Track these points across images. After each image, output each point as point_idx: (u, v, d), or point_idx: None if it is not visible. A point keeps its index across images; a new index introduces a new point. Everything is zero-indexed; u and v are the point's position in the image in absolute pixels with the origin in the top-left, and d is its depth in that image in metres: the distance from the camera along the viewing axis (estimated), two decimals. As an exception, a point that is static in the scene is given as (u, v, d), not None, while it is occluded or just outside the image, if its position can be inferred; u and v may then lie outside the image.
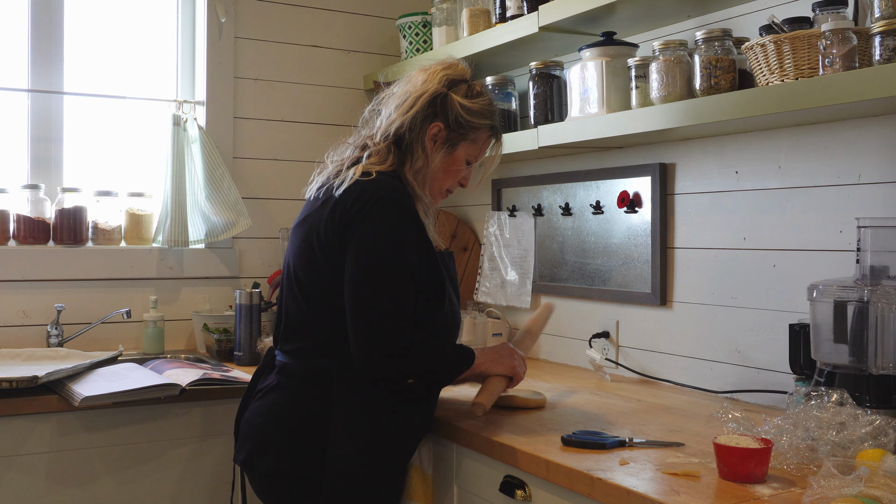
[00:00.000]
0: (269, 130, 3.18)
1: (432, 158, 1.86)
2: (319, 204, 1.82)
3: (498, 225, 3.01)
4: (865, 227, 1.71)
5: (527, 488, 1.67)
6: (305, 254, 1.80)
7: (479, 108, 1.88)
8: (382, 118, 1.89)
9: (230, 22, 3.09)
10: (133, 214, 2.95)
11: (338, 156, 1.93)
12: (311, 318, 1.80)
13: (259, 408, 1.84)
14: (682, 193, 2.35)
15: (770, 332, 2.09)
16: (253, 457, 1.81)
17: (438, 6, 2.93)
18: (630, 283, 2.50)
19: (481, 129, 1.91)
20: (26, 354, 2.50)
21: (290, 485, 1.78)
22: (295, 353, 1.82)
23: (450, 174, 1.91)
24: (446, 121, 1.85)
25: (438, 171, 1.88)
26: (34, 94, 2.89)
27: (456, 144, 1.88)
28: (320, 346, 1.79)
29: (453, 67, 1.91)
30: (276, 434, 1.78)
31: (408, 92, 1.87)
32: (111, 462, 2.25)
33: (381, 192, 1.75)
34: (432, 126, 1.85)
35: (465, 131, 1.88)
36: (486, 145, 1.96)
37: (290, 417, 1.78)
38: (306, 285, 1.80)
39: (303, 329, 1.81)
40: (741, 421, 1.56)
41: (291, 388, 1.80)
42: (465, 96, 1.87)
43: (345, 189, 1.76)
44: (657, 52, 2.08)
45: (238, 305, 2.72)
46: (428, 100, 1.85)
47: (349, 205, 1.74)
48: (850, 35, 1.65)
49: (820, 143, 1.99)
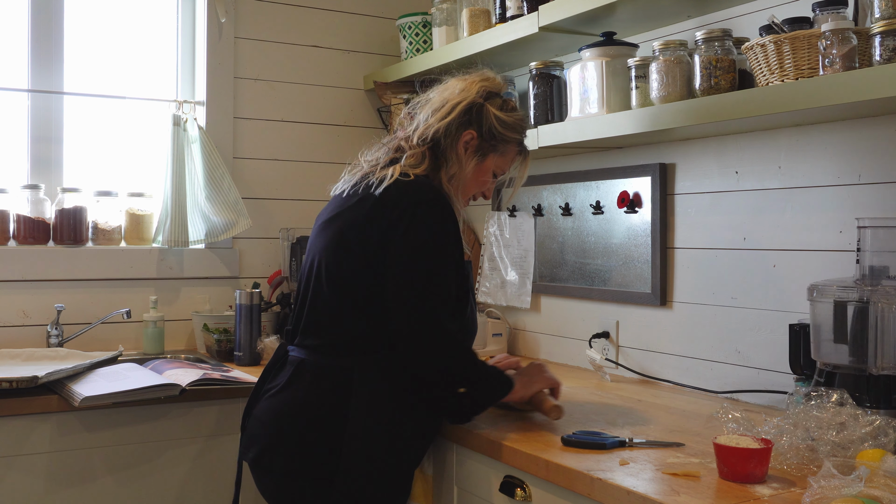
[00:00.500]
0: (269, 130, 3.18)
1: (465, 165, 1.89)
2: (356, 201, 1.83)
3: (498, 225, 3.01)
4: (865, 227, 1.71)
5: (527, 488, 1.67)
6: (339, 250, 1.81)
7: (513, 121, 1.93)
8: (419, 122, 1.92)
9: (230, 22, 3.09)
10: (133, 214, 2.95)
11: (371, 155, 1.95)
12: (338, 313, 1.80)
13: (271, 405, 1.82)
14: (682, 193, 2.35)
15: (770, 332, 2.09)
16: (264, 455, 1.80)
17: (438, 6, 2.93)
18: (630, 283, 2.50)
19: (511, 143, 1.95)
20: (26, 354, 2.50)
21: (303, 484, 1.77)
22: (316, 348, 1.82)
23: (478, 184, 1.95)
24: (480, 130, 1.89)
25: (469, 180, 1.92)
26: (34, 94, 2.89)
27: (486, 154, 1.92)
28: (344, 343, 1.79)
29: (491, 80, 1.96)
30: (289, 433, 1.77)
31: (445, 99, 1.91)
32: (111, 462, 2.25)
33: (428, 194, 1.78)
34: (466, 133, 1.88)
35: (497, 143, 1.92)
36: (513, 160, 2.00)
37: (305, 416, 1.77)
38: (339, 281, 1.80)
39: (329, 325, 1.81)
40: (741, 421, 1.56)
41: (308, 386, 1.79)
42: (501, 109, 1.92)
43: (385, 188, 1.78)
44: (657, 52, 2.08)
45: (238, 305, 2.72)
46: (465, 108, 1.89)
47: (393, 204, 1.76)
48: (850, 35, 1.65)
49: (820, 143, 1.99)
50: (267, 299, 3.03)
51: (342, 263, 1.80)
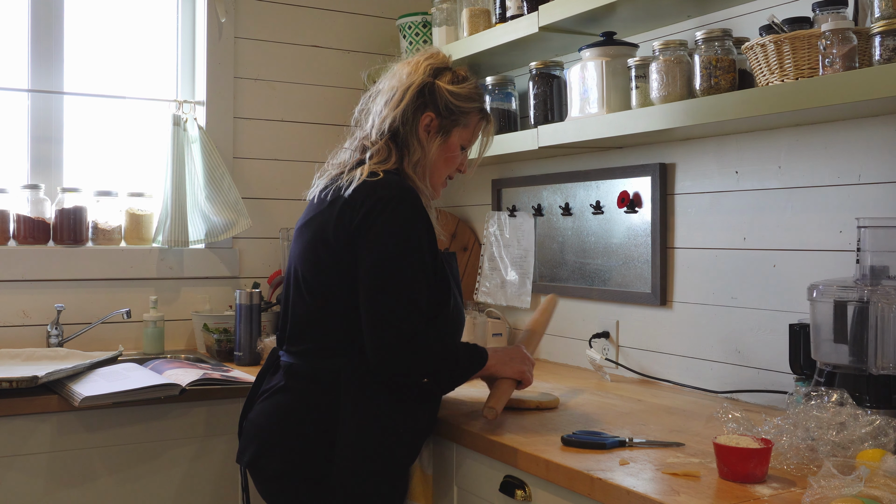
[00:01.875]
0: (269, 130, 3.18)
1: (428, 149, 1.87)
2: (326, 205, 1.82)
3: (498, 225, 3.01)
4: (865, 227, 1.70)
5: (527, 488, 1.67)
6: (313, 255, 1.81)
7: (467, 92, 1.91)
8: (374, 116, 1.90)
9: (230, 22, 3.09)
10: (133, 214, 2.95)
11: (338, 158, 1.94)
12: (319, 318, 1.80)
13: (265, 408, 1.83)
14: (682, 193, 2.35)
15: (770, 332, 2.09)
16: (258, 458, 1.81)
17: (438, 6, 2.93)
18: (630, 283, 2.50)
19: (472, 113, 1.93)
20: (26, 354, 2.50)
21: (297, 486, 1.77)
22: (302, 353, 1.82)
23: (448, 162, 1.93)
24: (437, 109, 1.87)
25: (437, 161, 1.90)
26: (34, 94, 2.89)
27: (449, 131, 1.90)
28: (329, 347, 1.79)
29: (435, 56, 1.94)
30: (283, 435, 1.78)
31: (394, 87, 1.89)
32: (111, 462, 2.25)
33: (392, 192, 1.76)
34: (424, 117, 1.87)
35: (457, 117, 1.90)
36: (478, 128, 1.98)
37: (297, 418, 1.78)
38: (314, 286, 1.80)
39: (310, 330, 1.82)
40: (741, 421, 1.56)
41: (299, 389, 1.80)
42: (452, 83, 1.90)
43: (353, 189, 1.77)
44: (657, 52, 2.08)
45: (238, 305, 2.72)
46: (416, 91, 1.86)
47: (359, 205, 1.74)
48: (850, 35, 1.65)
49: (820, 143, 1.99)
50: (267, 299, 3.03)
51: (316, 270, 1.80)
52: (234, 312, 2.78)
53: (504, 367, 1.91)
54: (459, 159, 1.96)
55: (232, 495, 2.38)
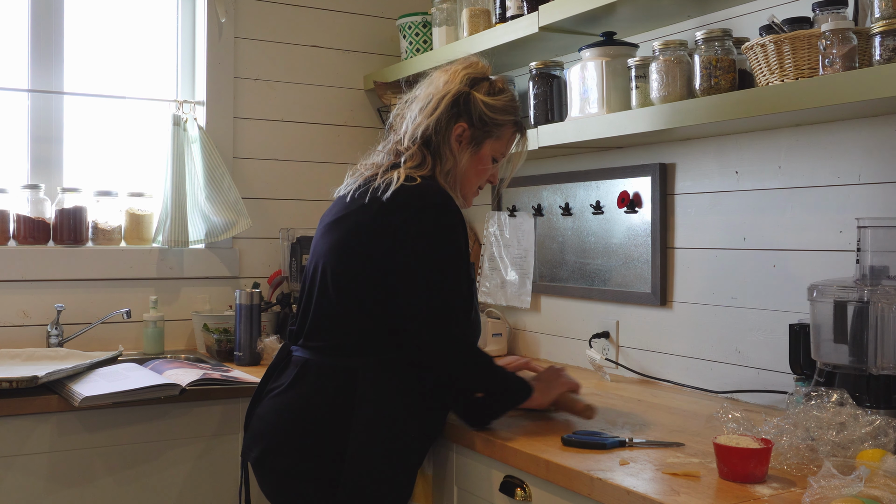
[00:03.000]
0: (269, 130, 3.18)
1: (460, 159, 1.87)
2: (361, 205, 1.81)
3: (498, 225, 3.01)
4: (865, 227, 1.70)
5: (527, 488, 1.67)
6: (345, 252, 1.80)
7: (503, 104, 1.90)
8: (408, 122, 1.90)
9: (230, 22, 3.09)
10: (133, 214, 2.95)
11: (371, 160, 1.94)
12: (342, 315, 1.79)
13: (275, 405, 1.81)
14: (682, 193, 2.35)
15: (770, 332, 2.09)
16: (267, 455, 1.79)
17: (438, 6, 2.93)
18: (630, 283, 2.50)
19: (505, 126, 1.92)
20: (26, 354, 2.50)
21: (305, 485, 1.77)
22: (321, 349, 1.81)
23: (479, 173, 1.93)
24: (470, 120, 1.87)
25: (468, 171, 1.90)
26: (34, 94, 2.89)
27: (481, 143, 1.89)
28: (349, 345, 1.78)
29: (474, 66, 1.93)
30: (294, 432, 1.76)
31: (430, 94, 1.89)
32: (111, 462, 2.25)
33: (436, 198, 1.77)
34: (457, 126, 1.86)
35: (490, 129, 1.89)
36: (511, 141, 1.97)
37: (309, 416, 1.76)
38: (344, 284, 1.79)
39: (332, 326, 1.80)
40: (741, 421, 1.56)
41: (313, 386, 1.78)
42: (488, 94, 1.89)
43: (392, 192, 1.76)
44: (657, 52, 2.08)
45: (238, 305, 2.72)
46: (451, 100, 1.86)
47: (399, 209, 1.75)
48: (850, 35, 1.65)
49: (820, 143, 1.99)
50: (267, 299, 3.03)
51: (347, 267, 1.79)
52: (234, 312, 2.78)
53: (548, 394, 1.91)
54: (491, 171, 1.95)
55: (232, 495, 2.38)
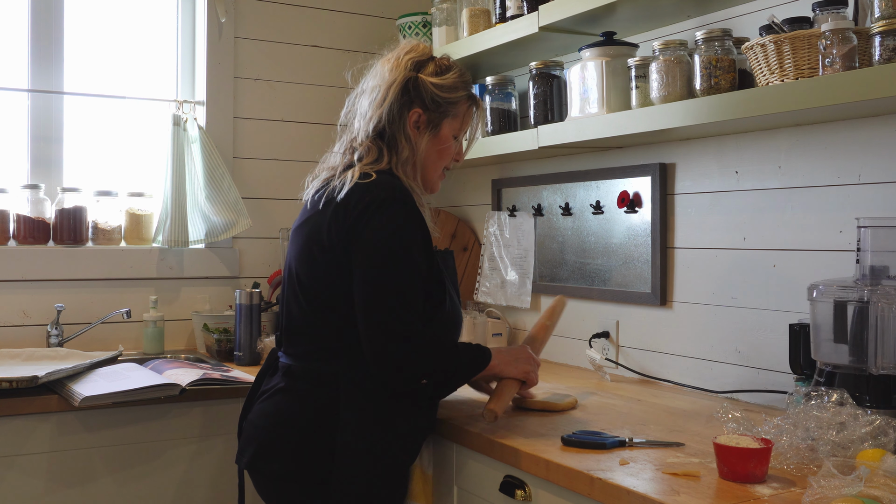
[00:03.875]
0: (269, 130, 3.18)
1: (418, 145, 1.85)
2: (320, 207, 1.81)
3: (498, 225, 3.01)
4: (865, 227, 1.70)
5: (527, 488, 1.67)
6: (307, 257, 1.80)
7: (452, 82, 1.88)
8: (360, 117, 1.89)
9: (230, 22, 3.09)
10: (133, 214, 2.95)
11: (330, 160, 1.93)
12: (315, 321, 1.79)
13: (264, 409, 1.82)
14: (682, 193, 2.35)
15: (770, 332, 2.09)
16: (258, 459, 1.80)
17: (438, 6, 2.93)
18: (630, 283, 2.50)
19: (459, 102, 1.90)
20: (26, 354, 2.50)
21: (296, 488, 1.77)
22: (299, 355, 1.82)
23: (441, 154, 1.90)
24: (423, 104, 1.85)
25: (430, 155, 1.88)
26: (34, 94, 2.89)
27: (439, 124, 1.87)
28: (325, 349, 1.78)
29: (415, 49, 1.90)
30: (282, 436, 1.77)
31: (377, 85, 1.87)
32: (111, 462, 2.25)
33: (385, 193, 1.74)
34: (412, 113, 1.84)
35: (445, 108, 1.87)
36: (468, 115, 1.94)
37: (297, 420, 1.76)
38: (309, 288, 1.79)
39: (306, 332, 1.81)
40: (741, 421, 1.56)
41: (298, 391, 1.79)
42: (435, 74, 1.87)
43: (346, 192, 1.75)
44: (657, 52, 2.08)
45: (238, 305, 2.72)
46: (400, 88, 1.84)
47: (352, 207, 1.73)
48: (850, 35, 1.65)
49: (820, 143, 1.99)
50: (267, 299, 3.03)
51: (311, 272, 1.79)
52: (234, 312, 2.78)
53: (508, 368, 1.90)
54: (454, 150, 1.94)
55: (231, 495, 2.38)
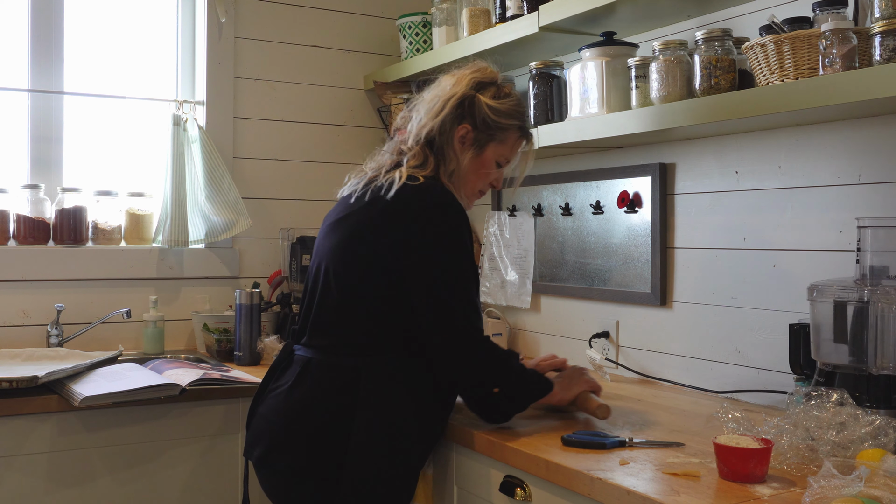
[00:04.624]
0: (269, 130, 3.18)
1: (462, 160, 1.88)
2: (364, 205, 1.83)
3: (498, 225, 3.01)
4: (865, 227, 1.71)
5: (527, 488, 1.67)
6: (348, 252, 1.81)
7: (507, 108, 1.90)
8: (413, 123, 1.91)
9: (230, 22, 3.09)
10: (133, 214, 2.95)
11: (375, 160, 1.95)
12: (346, 315, 1.80)
13: (277, 404, 1.82)
14: (682, 193, 2.35)
15: (770, 332, 2.09)
16: (270, 454, 1.80)
17: (438, 6, 2.93)
18: (630, 283, 2.50)
19: (509, 130, 1.92)
20: (26, 354, 2.50)
21: (307, 484, 1.77)
22: (324, 349, 1.82)
23: (480, 176, 1.93)
24: (474, 122, 1.88)
25: (469, 173, 1.90)
26: (34, 94, 2.89)
27: (484, 146, 1.90)
28: (351, 344, 1.79)
29: (482, 71, 1.94)
30: (296, 431, 1.77)
31: (437, 96, 1.90)
32: (111, 462, 2.25)
33: (441, 198, 1.78)
34: (460, 128, 1.87)
35: (493, 132, 1.90)
36: (515, 146, 1.97)
37: (312, 415, 1.76)
38: (347, 284, 1.80)
39: (335, 325, 1.81)
40: (741, 421, 1.56)
41: (314, 385, 1.78)
42: (493, 98, 1.90)
43: (396, 192, 1.78)
44: (657, 52, 2.08)
45: (238, 305, 2.72)
46: (456, 102, 1.87)
47: (404, 209, 1.76)
48: (850, 35, 1.65)
49: (820, 143, 1.99)
50: (267, 299, 3.03)
51: (351, 267, 1.80)
52: (234, 312, 2.78)
53: (569, 392, 1.92)
54: (493, 176, 1.96)
55: (232, 495, 2.38)
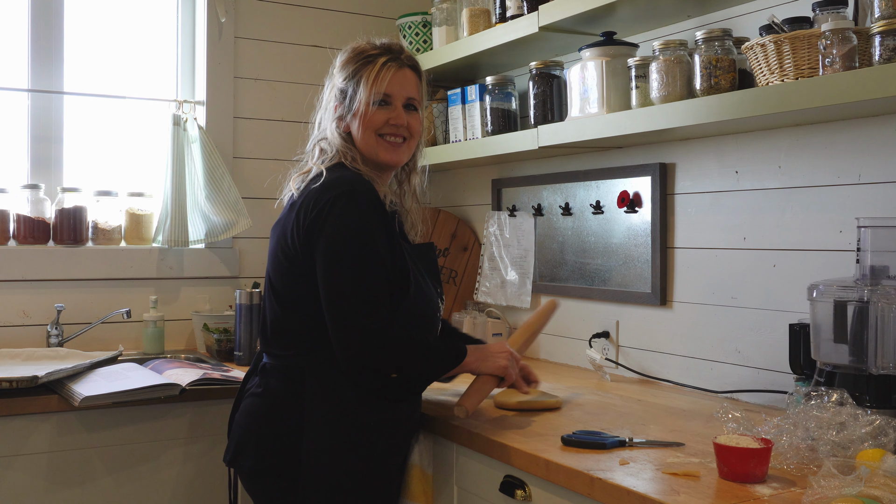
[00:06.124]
0: (269, 130, 3.18)
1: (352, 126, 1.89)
2: (286, 210, 1.89)
3: (498, 225, 3.01)
4: (865, 227, 1.71)
5: (527, 488, 1.67)
6: (275, 260, 1.87)
7: (347, 57, 1.92)
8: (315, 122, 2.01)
9: (230, 22, 3.09)
10: (133, 214, 2.95)
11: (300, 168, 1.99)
12: (285, 319, 1.84)
13: (244, 408, 1.89)
14: (682, 193, 2.35)
15: (770, 332, 2.09)
16: (237, 456, 1.86)
17: (438, 6, 2.93)
18: (630, 283, 2.49)
19: (361, 72, 1.88)
20: (26, 354, 2.50)
21: (270, 483, 1.81)
22: (275, 355, 1.86)
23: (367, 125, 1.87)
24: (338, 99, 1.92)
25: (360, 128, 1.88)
26: (34, 94, 2.89)
27: (353, 99, 1.88)
28: (295, 347, 1.82)
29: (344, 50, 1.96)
30: (256, 434, 1.82)
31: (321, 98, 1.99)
32: (111, 462, 2.25)
33: (337, 188, 1.78)
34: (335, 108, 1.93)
35: (353, 88, 1.89)
36: (381, 73, 1.87)
37: (268, 417, 1.82)
38: (278, 288, 1.85)
39: (280, 331, 1.85)
40: (741, 421, 1.56)
41: (269, 389, 1.84)
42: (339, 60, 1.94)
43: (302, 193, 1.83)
44: (657, 52, 2.08)
45: (238, 305, 2.72)
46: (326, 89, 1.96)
47: (310, 207, 1.78)
48: (850, 35, 1.65)
49: (820, 143, 1.99)
50: (267, 299, 3.03)
51: (279, 274, 1.85)
52: (234, 312, 2.78)
53: (483, 364, 1.90)
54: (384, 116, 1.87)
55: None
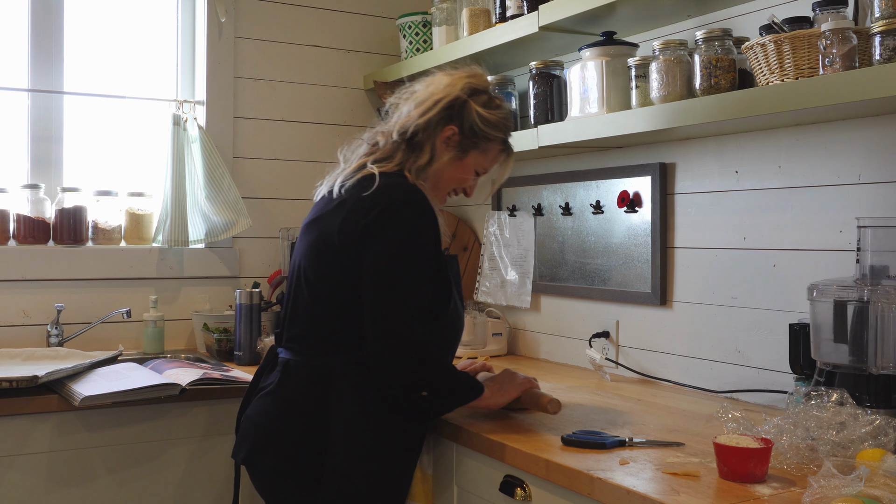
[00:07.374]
0: (269, 130, 3.18)
1: (438, 157, 1.87)
2: (334, 205, 1.83)
3: (498, 225, 3.01)
4: (865, 227, 1.71)
5: (527, 488, 1.67)
6: (316, 254, 1.82)
7: (496, 119, 1.90)
8: (401, 114, 1.91)
9: (230, 22, 3.09)
10: (133, 214, 2.95)
11: (350, 152, 1.95)
12: (318, 316, 1.81)
13: (261, 405, 1.84)
14: (682, 193, 2.35)
15: (770, 332, 2.09)
16: (253, 455, 1.82)
17: (438, 6, 2.93)
18: (630, 282, 2.49)
19: (494, 142, 1.93)
20: (26, 354, 2.50)
21: (289, 484, 1.78)
22: (300, 351, 1.83)
23: (455, 180, 1.93)
24: (461, 126, 1.87)
25: (444, 172, 1.89)
26: (34, 94, 2.89)
27: (467, 151, 1.90)
28: (325, 345, 1.80)
29: (477, 77, 1.94)
30: (276, 433, 1.79)
31: (430, 93, 1.90)
32: (111, 462, 2.25)
33: (399, 196, 1.76)
34: (447, 129, 1.87)
35: (478, 140, 1.90)
36: (496, 158, 1.98)
37: (291, 416, 1.79)
38: (315, 284, 1.81)
39: (309, 327, 1.82)
40: (741, 421, 1.56)
41: (293, 387, 1.80)
42: (484, 106, 1.89)
43: (360, 191, 1.78)
44: (657, 52, 2.08)
45: (238, 305, 2.72)
46: (447, 103, 1.87)
47: (370, 207, 1.75)
48: (850, 35, 1.65)
49: (820, 143, 1.99)
50: (267, 299, 3.03)
51: (319, 267, 1.81)
52: (234, 312, 2.78)
53: (500, 396, 1.89)
54: (469, 182, 1.96)
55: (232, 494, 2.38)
